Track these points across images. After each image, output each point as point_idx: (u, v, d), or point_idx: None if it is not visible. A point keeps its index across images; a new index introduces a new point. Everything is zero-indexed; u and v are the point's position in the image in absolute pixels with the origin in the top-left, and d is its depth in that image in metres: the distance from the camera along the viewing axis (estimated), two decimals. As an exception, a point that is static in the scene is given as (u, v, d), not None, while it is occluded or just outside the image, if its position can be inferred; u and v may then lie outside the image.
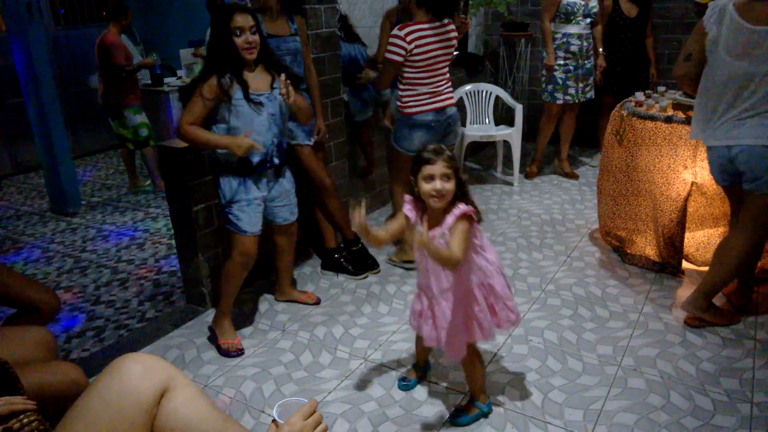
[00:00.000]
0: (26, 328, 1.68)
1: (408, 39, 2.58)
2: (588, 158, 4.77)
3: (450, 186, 1.63)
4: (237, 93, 2.06)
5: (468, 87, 4.20)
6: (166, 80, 4.75)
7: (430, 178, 1.62)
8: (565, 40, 3.84)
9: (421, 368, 2.09)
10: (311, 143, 2.71)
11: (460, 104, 4.13)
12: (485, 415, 1.90)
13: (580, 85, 3.94)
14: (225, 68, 2.04)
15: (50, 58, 3.92)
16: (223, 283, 2.29)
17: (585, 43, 3.86)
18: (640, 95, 2.95)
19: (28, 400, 1.20)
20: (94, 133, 5.77)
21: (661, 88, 3.08)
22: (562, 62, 3.89)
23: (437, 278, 1.71)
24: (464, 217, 1.62)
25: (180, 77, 4.97)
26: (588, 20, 3.80)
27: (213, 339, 2.36)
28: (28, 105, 3.89)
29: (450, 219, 1.63)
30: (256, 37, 2.07)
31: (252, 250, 2.24)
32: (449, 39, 2.68)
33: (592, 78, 3.99)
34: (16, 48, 3.75)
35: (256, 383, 2.12)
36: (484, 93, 4.26)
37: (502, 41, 4.93)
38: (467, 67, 4.55)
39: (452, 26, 2.69)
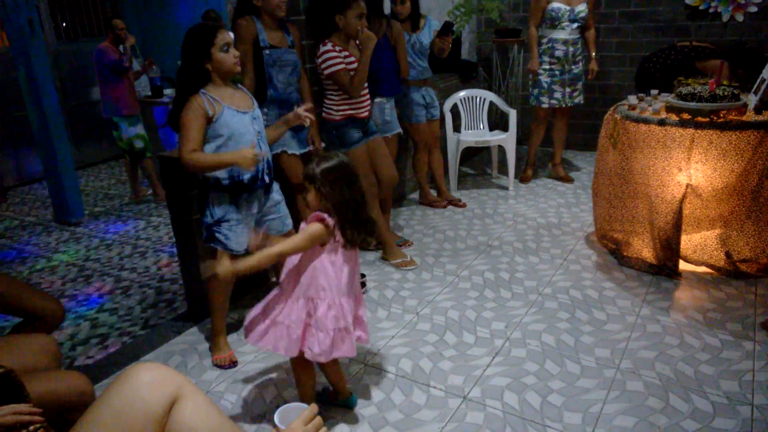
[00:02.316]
0: (31, 336, 1.71)
1: None
2: (583, 162, 4.80)
3: (307, 197, 1.73)
4: (224, 113, 2.03)
5: (462, 93, 4.24)
6: (166, 92, 4.80)
7: None
8: (550, 45, 3.89)
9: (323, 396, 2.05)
10: (300, 153, 2.74)
11: (454, 110, 4.18)
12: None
13: (567, 89, 3.98)
14: (200, 87, 2.02)
15: (52, 71, 3.97)
16: (209, 301, 2.31)
17: (571, 49, 3.88)
18: (632, 98, 2.99)
19: (34, 408, 1.23)
20: (96, 144, 5.83)
21: (654, 91, 3.12)
22: (547, 67, 3.94)
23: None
24: (317, 220, 1.69)
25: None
26: (575, 25, 3.82)
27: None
28: (31, 118, 3.94)
29: (311, 218, 1.72)
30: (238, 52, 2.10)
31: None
32: (316, 61, 2.80)
33: (580, 83, 4.00)
34: (19, 62, 3.80)
35: (258, 389, 2.14)
36: (478, 99, 4.30)
37: (495, 47, 4.98)
38: (461, 73, 4.59)
39: (318, 55, 2.75)
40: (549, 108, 4.05)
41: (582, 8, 3.80)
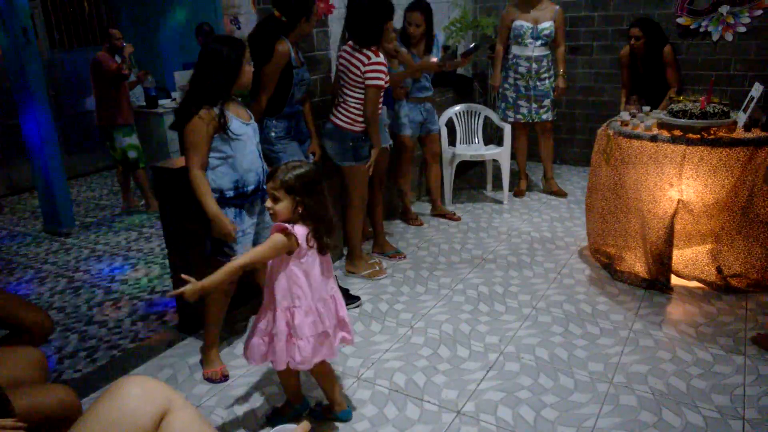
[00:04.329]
0: (17, 348, 1.68)
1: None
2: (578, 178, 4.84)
3: (277, 207, 1.70)
4: (233, 123, 2.07)
5: (458, 107, 4.28)
6: (161, 102, 4.80)
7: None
8: (514, 61, 4.01)
9: (296, 407, 2.01)
10: None
11: (450, 124, 4.21)
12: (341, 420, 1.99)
13: (534, 105, 4.05)
14: (222, 99, 2.05)
15: (46, 80, 3.96)
16: (206, 313, 2.29)
17: (534, 65, 3.96)
18: (625, 114, 3.03)
19: (18, 422, 1.20)
20: (88, 154, 5.81)
21: (646, 108, 3.16)
22: (512, 82, 4.05)
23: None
24: (279, 230, 1.68)
25: (174, 99, 5.03)
26: (539, 42, 3.90)
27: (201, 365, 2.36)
28: (23, 126, 3.91)
29: (275, 229, 1.70)
30: None
31: (235, 279, 2.25)
32: (349, 67, 2.75)
33: (548, 100, 4.05)
34: (12, 71, 3.79)
35: (249, 404, 2.12)
36: (473, 113, 4.34)
37: (490, 63, 5.03)
38: (457, 88, 4.64)
39: (362, 59, 2.71)
40: (521, 122, 4.13)
41: (546, 26, 3.87)
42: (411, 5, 3.36)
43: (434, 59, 3.24)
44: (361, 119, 2.81)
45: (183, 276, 1.61)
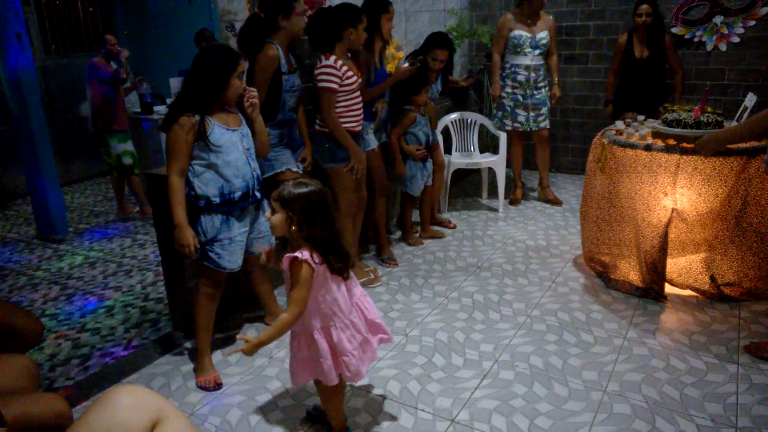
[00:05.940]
0: (8, 356, 1.66)
1: None
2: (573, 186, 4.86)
3: (273, 218, 1.67)
4: (214, 131, 2.06)
5: (453, 116, 4.30)
6: (156, 108, 4.79)
7: None
8: (512, 70, 4.04)
9: None
10: (301, 171, 2.74)
11: (445, 132, 4.23)
12: None
13: (531, 114, 4.09)
14: (205, 107, 2.04)
15: (40, 86, 3.95)
16: (195, 319, 2.29)
17: (533, 74, 4.01)
18: (620, 124, 3.05)
19: (9, 432, 1.19)
20: (82, 160, 5.79)
21: (641, 117, 3.18)
22: (510, 91, 4.09)
23: None
24: (294, 263, 1.64)
25: (170, 105, 5.02)
26: (537, 52, 3.97)
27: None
28: (18, 133, 3.90)
29: (285, 262, 1.66)
30: None
31: (221, 284, 2.26)
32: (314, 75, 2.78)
33: (545, 108, 4.11)
34: (6, 76, 3.78)
35: (243, 411, 2.11)
36: (468, 121, 4.36)
37: (486, 71, 5.06)
38: (452, 96, 4.66)
39: (318, 66, 2.74)
40: (517, 131, 4.16)
41: (543, 35, 3.95)
42: (442, 43, 3.45)
43: (405, 65, 3.21)
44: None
45: (239, 336, 1.66)
